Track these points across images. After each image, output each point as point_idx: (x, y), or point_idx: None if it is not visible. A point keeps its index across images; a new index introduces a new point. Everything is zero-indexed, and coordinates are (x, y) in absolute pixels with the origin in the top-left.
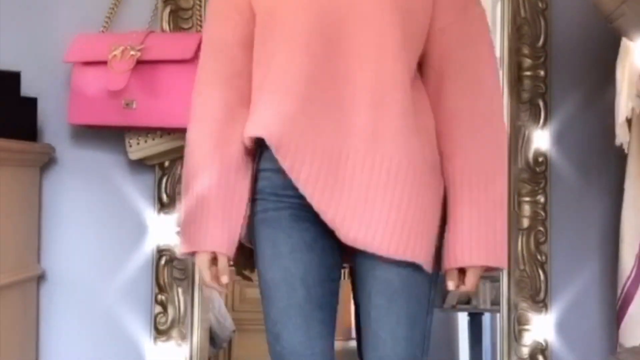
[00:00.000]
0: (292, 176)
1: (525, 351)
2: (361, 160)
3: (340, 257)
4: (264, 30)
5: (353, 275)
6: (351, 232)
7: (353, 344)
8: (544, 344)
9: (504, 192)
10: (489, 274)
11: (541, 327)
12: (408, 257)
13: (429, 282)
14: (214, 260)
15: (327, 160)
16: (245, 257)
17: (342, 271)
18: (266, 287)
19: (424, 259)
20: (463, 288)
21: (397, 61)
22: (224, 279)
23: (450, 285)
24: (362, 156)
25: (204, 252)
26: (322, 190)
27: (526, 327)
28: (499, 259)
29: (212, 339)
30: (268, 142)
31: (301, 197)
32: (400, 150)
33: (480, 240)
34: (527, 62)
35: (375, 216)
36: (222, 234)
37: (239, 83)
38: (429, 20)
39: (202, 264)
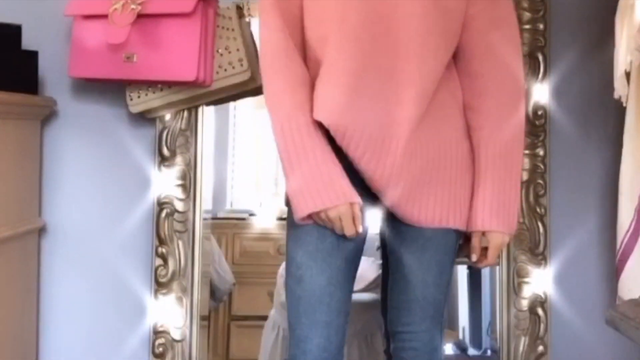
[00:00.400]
0: (348, 154)
1: (524, 304)
2: (402, 149)
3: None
4: (317, 28)
5: (382, 225)
6: (391, 200)
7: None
8: (543, 296)
9: (521, 165)
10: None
11: (540, 280)
12: (444, 225)
13: (456, 234)
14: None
15: (373, 145)
16: None
17: None
18: (297, 232)
19: (460, 225)
20: (485, 262)
21: (437, 58)
22: (361, 227)
23: (473, 257)
24: (404, 144)
25: (344, 205)
26: (368, 165)
27: (525, 279)
28: (513, 226)
29: (213, 292)
30: (326, 126)
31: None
32: (440, 138)
33: (499, 208)
34: (527, 15)
35: (413, 194)
36: (349, 186)
37: (307, 82)
38: (464, 15)
39: (344, 214)
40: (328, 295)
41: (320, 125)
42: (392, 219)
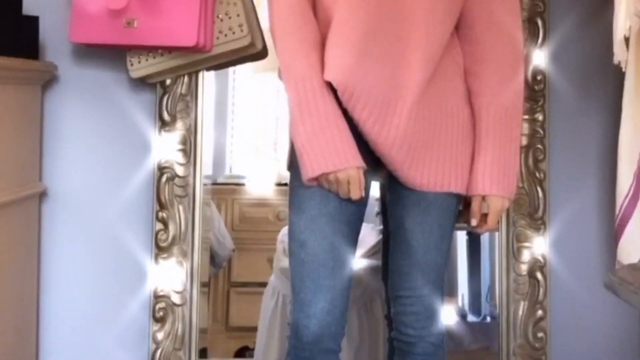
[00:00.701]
0: (354, 116)
1: (523, 268)
2: (407, 112)
3: (372, 178)
4: None
5: (383, 191)
6: (394, 164)
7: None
8: (542, 261)
9: (521, 130)
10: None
11: (540, 245)
12: (446, 189)
13: (457, 198)
14: None
15: (379, 107)
16: None
17: None
18: (300, 196)
19: (461, 189)
20: (485, 227)
21: (443, 24)
22: (363, 192)
23: (473, 222)
24: (409, 107)
25: (353, 168)
26: (373, 127)
27: (525, 244)
28: (512, 191)
29: (212, 258)
30: (335, 87)
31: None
32: (443, 104)
33: (499, 172)
34: None
35: (416, 158)
36: (357, 151)
37: (319, 42)
38: None
39: (354, 177)
40: (332, 260)
41: (330, 87)
42: (394, 183)
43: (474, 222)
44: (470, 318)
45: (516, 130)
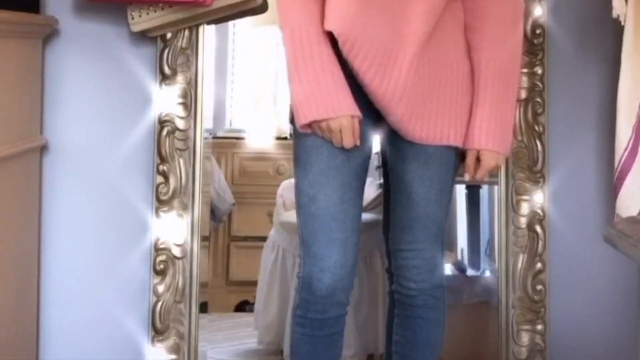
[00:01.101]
0: (354, 67)
1: (523, 221)
2: (408, 64)
3: (372, 131)
4: None
5: (383, 144)
6: (394, 116)
7: None
8: (541, 214)
9: (518, 86)
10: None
11: (539, 198)
12: (445, 142)
13: (456, 152)
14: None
15: (380, 58)
16: None
17: None
18: (307, 151)
19: (460, 143)
20: (478, 175)
21: None
22: (359, 141)
23: (466, 176)
24: (409, 59)
25: (346, 116)
26: (373, 79)
27: (524, 197)
28: (507, 147)
29: (213, 212)
30: (336, 37)
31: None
32: (443, 57)
33: (496, 128)
34: None
35: (416, 111)
36: (352, 99)
37: None
38: None
39: (346, 126)
40: (343, 213)
41: (330, 39)
42: (393, 137)
43: (467, 177)
44: (470, 272)
45: (514, 86)
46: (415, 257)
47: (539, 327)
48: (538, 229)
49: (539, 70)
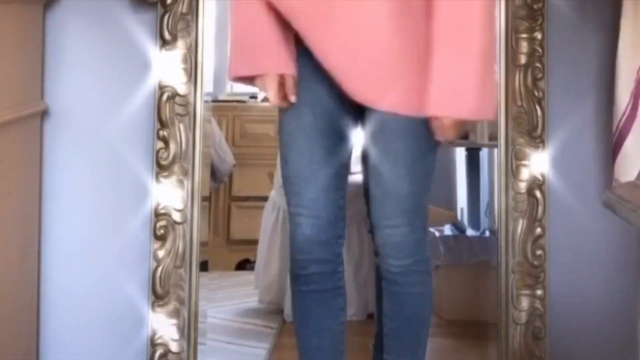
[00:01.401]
0: (297, 28)
1: (522, 186)
2: (345, 18)
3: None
4: None
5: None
6: (336, 75)
7: None
8: (541, 179)
9: (486, 41)
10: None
11: (538, 163)
12: (399, 110)
13: (423, 121)
14: (280, 81)
15: (320, 17)
16: None
17: None
18: (281, 113)
19: (417, 112)
20: (441, 138)
21: None
22: (293, 98)
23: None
24: (346, 16)
25: (270, 75)
26: (314, 35)
27: (523, 162)
28: (465, 108)
29: (213, 173)
30: (276, 6)
31: None
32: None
33: (448, 91)
34: None
35: (361, 71)
36: (287, 56)
37: None
38: None
39: (270, 85)
40: (312, 173)
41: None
42: (360, 113)
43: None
44: (469, 232)
45: (476, 40)
46: (394, 235)
47: (539, 292)
48: (538, 194)
49: (539, 36)
